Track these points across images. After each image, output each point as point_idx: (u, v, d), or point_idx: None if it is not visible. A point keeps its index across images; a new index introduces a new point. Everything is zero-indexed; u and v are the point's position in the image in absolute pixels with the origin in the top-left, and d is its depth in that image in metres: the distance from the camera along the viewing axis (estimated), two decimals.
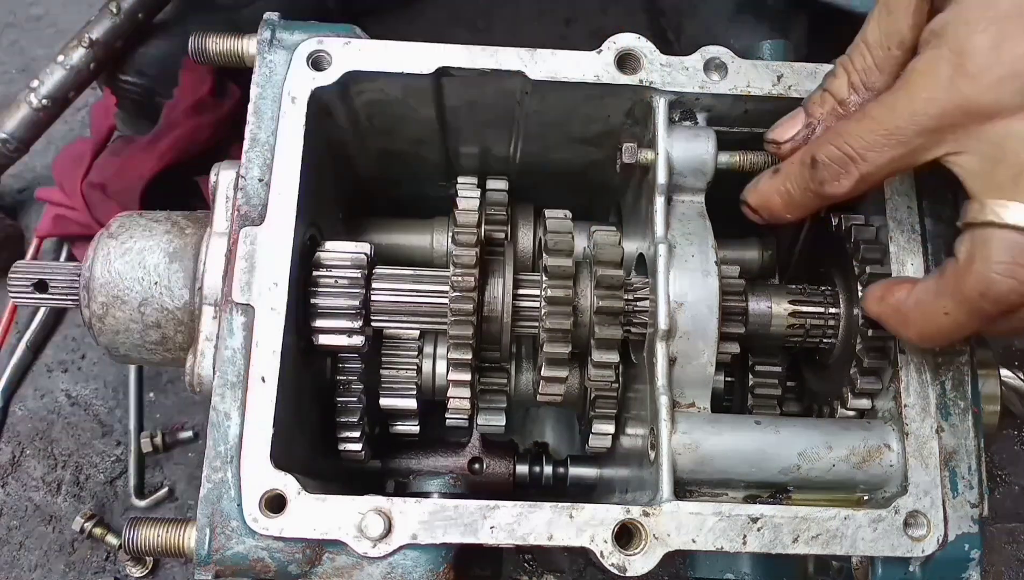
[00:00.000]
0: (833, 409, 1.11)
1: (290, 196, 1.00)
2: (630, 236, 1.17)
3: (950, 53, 0.83)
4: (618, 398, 1.16)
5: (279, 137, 1.02)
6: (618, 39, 1.08)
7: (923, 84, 0.85)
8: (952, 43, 0.83)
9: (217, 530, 0.92)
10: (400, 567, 0.93)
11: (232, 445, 0.94)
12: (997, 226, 0.82)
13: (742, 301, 1.10)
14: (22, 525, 1.72)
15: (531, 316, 1.11)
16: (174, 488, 1.74)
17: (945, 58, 0.84)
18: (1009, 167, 0.82)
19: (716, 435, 0.98)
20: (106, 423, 1.79)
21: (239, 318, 0.97)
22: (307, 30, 1.07)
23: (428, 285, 1.09)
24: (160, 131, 1.69)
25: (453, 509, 0.93)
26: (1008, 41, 0.81)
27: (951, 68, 0.83)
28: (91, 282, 1.05)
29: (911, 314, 0.92)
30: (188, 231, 1.08)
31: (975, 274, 0.83)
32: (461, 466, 1.35)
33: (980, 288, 0.83)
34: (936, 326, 0.89)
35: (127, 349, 1.08)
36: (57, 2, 2.10)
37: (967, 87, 0.82)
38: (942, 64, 0.84)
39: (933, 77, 0.84)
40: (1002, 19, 0.81)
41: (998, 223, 0.82)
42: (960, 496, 0.97)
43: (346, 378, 1.15)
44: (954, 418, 0.99)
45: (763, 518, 0.94)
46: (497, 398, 1.22)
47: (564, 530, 0.93)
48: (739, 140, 1.08)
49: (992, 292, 0.83)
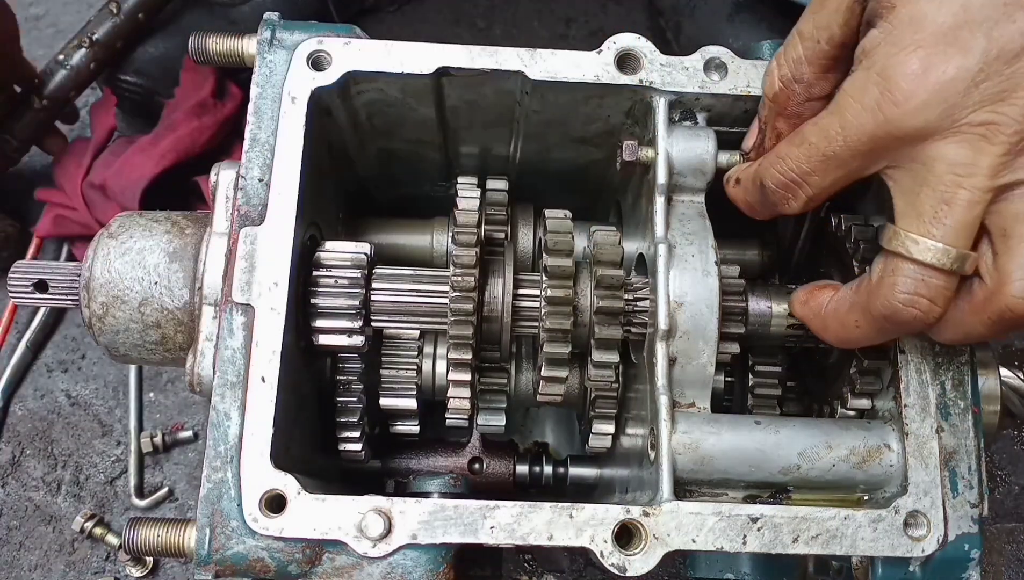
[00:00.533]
0: (833, 409, 1.11)
1: (290, 196, 1.00)
2: (630, 236, 1.17)
3: (878, 77, 0.83)
4: (618, 398, 1.16)
5: (279, 137, 1.02)
6: (618, 39, 1.08)
7: (853, 109, 0.85)
8: (880, 66, 0.83)
9: (217, 530, 0.92)
10: (400, 567, 0.93)
11: (232, 445, 0.94)
12: (906, 258, 0.85)
13: (742, 301, 1.10)
14: (22, 525, 1.72)
15: (531, 316, 1.11)
16: (174, 488, 1.74)
17: (873, 81, 0.83)
18: (932, 192, 0.83)
19: (716, 435, 0.98)
20: (106, 423, 1.80)
21: (239, 318, 0.97)
22: (307, 30, 1.07)
23: (428, 285, 1.09)
24: (160, 132, 1.69)
25: (453, 509, 0.93)
26: (935, 66, 0.80)
27: (879, 92, 0.83)
28: (91, 282, 1.05)
29: (828, 321, 0.97)
30: (188, 231, 1.08)
31: (882, 298, 0.88)
32: (461, 466, 1.35)
33: (885, 312, 0.88)
34: (848, 335, 0.95)
35: (127, 349, 1.08)
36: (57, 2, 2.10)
37: (893, 112, 0.82)
38: (870, 87, 0.84)
39: (861, 101, 0.84)
40: (930, 42, 0.80)
41: (907, 257, 0.85)
42: (960, 496, 0.97)
43: (346, 378, 1.15)
44: (954, 418, 0.99)
45: (763, 518, 0.94)
46: (497, 398, 1.22)
47: (564, 530, 0.93)
48: (739, 140, 1.08)
49: (895, 317, 0.88)
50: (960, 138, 0.81)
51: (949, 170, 0.82)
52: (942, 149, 0.82)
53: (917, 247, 0.84)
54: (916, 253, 0.84)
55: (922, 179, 0.84)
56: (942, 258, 0.83)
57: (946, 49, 0.80)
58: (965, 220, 0.82)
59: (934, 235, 0.83)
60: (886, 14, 0.83)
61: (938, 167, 0.82)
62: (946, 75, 0.80)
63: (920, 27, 0.81)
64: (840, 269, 1.12)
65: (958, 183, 0.81)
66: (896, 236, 0.85)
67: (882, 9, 0.84)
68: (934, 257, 0.83)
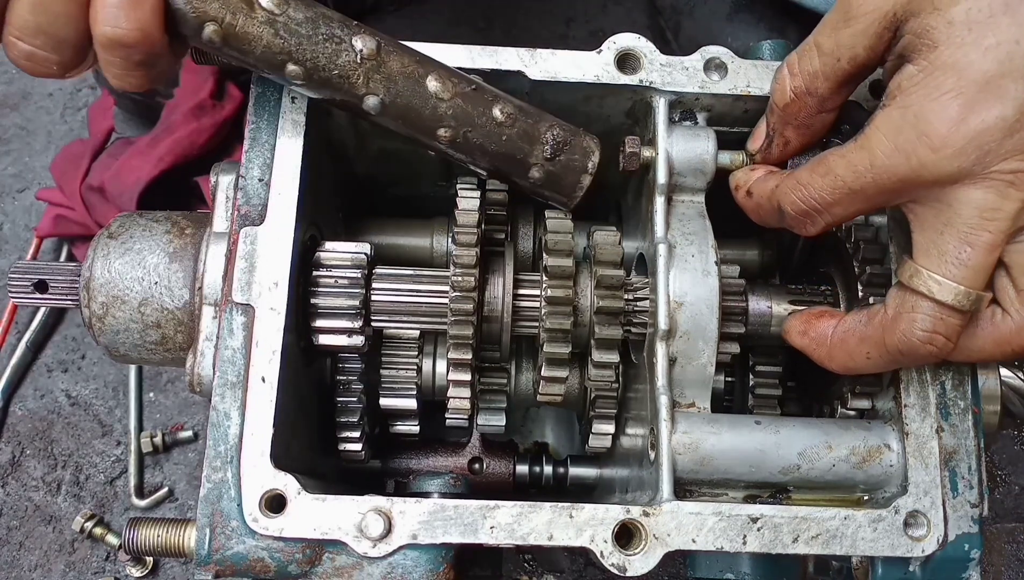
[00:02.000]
0: (833, 409, 1.11)
1: (290, 196, 1.01)
2: (630, 236, 1.17)
3: (915, 119, 0.82)
4: (618, 398, 1.16)
5: (279, 137, 1.02)
6: (618, 39, 1.08)
7: (885, 149, 0.85)
8: (917, 108, 0.82)
9: (217, 530, 0.92)
10: (400, 567, 0.93)
11: (232, 445, 0.94)
12: (926, 297, 0.86)
13: (742, 301, 1.10)
14: (22, 525, 1.72)
15: (531, 316, 1.11)
16: (174, 488, 1.75)
17: (910, 123, 0.83)
18: (956, 233, 0.84)
19: (716, 435, 0.98)
20: (106, 423, 1.80)
21: (239, 318, 0.97)
22: None
23: (428, 285, 1.09)
24: (159, 134, 1.69)
25: (453, 509, 0.93)
26: (974, 113, 0.80)
27: (915, 135, 0.82)
28: (91, 282, 1.05)
29: (835, 350, 0.97)
30: (188, 231, 1.08)
31: (899, 334, 0.89)
32: (461, 466, 1.35)
33: (902, 347, 0.89)
34: (856, 365, 0.96)
35: (127, 349, 1.08)
36: None
37: (929, 157, 0.82)
38: (906, 129, 0.83)
39: (895, 142, 0.84)
40: (972, 89, 0.80)
41: (927, 296, 0.86)
42: (960, 496, 0.97)
43: (346, 378, 1.15)
44: (954, 418, 0.99)
45: (763, 518, 0.94)
46: (497, 398, 1.22)
47: (564, 530, 0.93)
48: (739, 140, 1.08)
49: (912, 353, 0.89)
50: (989, 184, 0.82)
51: (975, 214, 0.82)
52: (970, 193, 0.82)
53: (939, 288, 0.85)
54: (937, 294, 0.85)
55: (946, 219, 0.84)
56: (962, 300, 0.85)
57: (987, 97, 0.80)
58: (985, 263, 0.84)
59: (955, 276, 0.84)
60: (927, 52, 0.82)
61: (964, 210, 0.83)
62: (985, 124, 0.80)
63: (963, 73, 0.80)
64: (840, 269, 1.12)
65: (983, 226, 0.83)
66: (917, 274, 0.86)
67: (922, 46, 0.82)
68: (955, 299, 0.85)
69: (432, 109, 0.99)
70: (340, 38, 0.95)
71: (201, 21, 0.90)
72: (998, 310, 0.88)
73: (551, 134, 1.03)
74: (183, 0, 0.89)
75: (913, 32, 0.83)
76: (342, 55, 0.95)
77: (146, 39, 0.86)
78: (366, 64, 0.95)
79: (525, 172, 1.05)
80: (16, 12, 0.85)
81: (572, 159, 1.04)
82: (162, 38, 0.88)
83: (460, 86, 1.00)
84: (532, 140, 1.03)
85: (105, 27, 0.85)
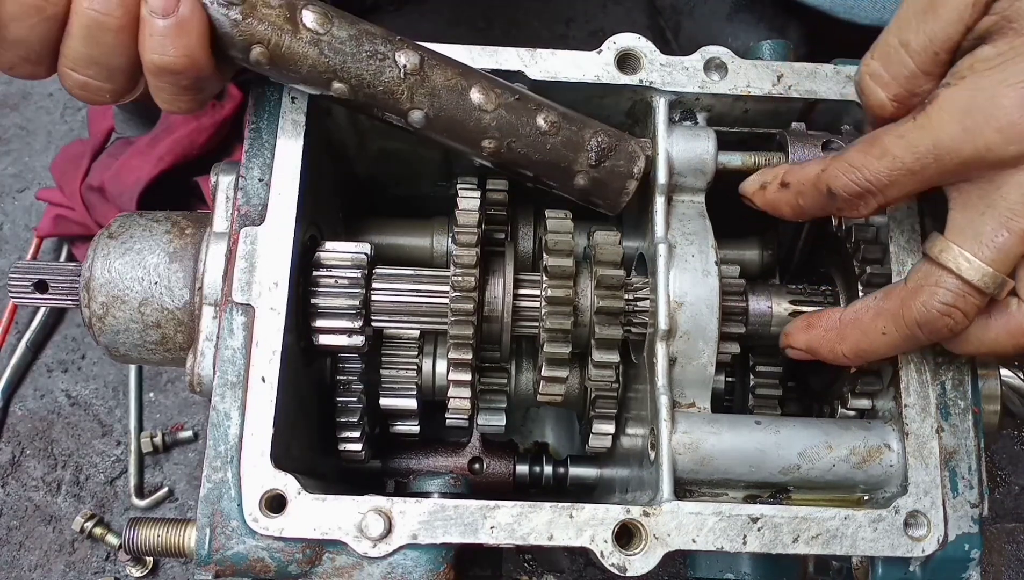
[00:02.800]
0: (833, 409, 1.11)
1: (290, 196, 1.01)
2: (630, 236, 1.17)
3: (986, 101, 0.82)
4: (618, 398, 1.16)
5: (279, 137, 1.02)
6: (618, 39, 1.08)
7: (952, 130, 0.84)
8: (990, 91, 0.82)
9: (217, 530, 0.92)
10: (400, 567, 0.93)
11: (232, 445, 0.94)
12: (952, 273, 0.86)
13: (742, 301, 1.10)
14: (22, 525, 1.72)
15: (531, 316, 1.11)
16: (174, 488, 1.75)
17: (980, 106, 0.82)
18: (997, 216, 0.84)
19: (716, 435, 0.98)
20: (106, 423, 1.80)
21: (239, 318, 0.97)
22: None
23: (428, 285, 1.09)
24: (158, 134, 1.68)
25: (453, 509, 0.93)
26: None
27: (984, 117, 0.82)
28: (91, 282, 1.05)
29: (847, 330, 0.96)
30: (188, 231, 1.08)
31: (919, 304, 0.88)
32: (461, 466, 1.35)
33: (920, 318, 0.89)
34: (871, 343, 0.94)
35: (127, 349, 1.08)
36: None
37: (995, 139, 0.82)
38: (975, 111, 0.82)
39: (963, 123, 0.83)
40: None
41: (954, 272, 0.86)
42: (960, 496, 0.97)
43: (346, 378, 1.15)
44: (954, 418, 0.99)
45: (763, 518, 0.94)
46: (497, 398, 1.22)
47: (564, 530, 0.93)
48: (739, 140, 1.08)
49: (929, 324, 0.89)
50: None
51: (1021, 199, 0.83)
52: (1021, 178, 0.83)
53: (968, 266, 0.85)
54: (965, 272, 0.85)
55: (991, 201, 0.84)
56: (988, 282, 0.85)
57: None
58: (1019, 250, 0.84)
59: (986, 257, 0.84)
60: (1012, 37, 0.81)
61: (1012, 194, 0.83)
62: None
63: None
64: (840, 270, 1.12)
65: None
66: (948, 250, 0.86)
67: (1009, 30, 0.82)
68: (981, 279, 0.85)
69: (476, 121, 0.98)
70: (384, 54, 0.95)
71: (248, 43, 0.91)
72: (1014, 301, 0.87)
73: (596, 141, 1.02)
74: (230, 24, 0.89)
75: (1001, 13, 0.82)
76: (386, 71, 0.95)
77: (193, 65, 0.88)
78: (410, 79, 0.95)
79: (570, 180, 1.04)
80: (70, 45, 0.88)
81: (617, 165, 1.03)
82: (209, 62, 0.90)
83: (503, 96, 0.99)
84: (577, 148, 1.02)
85: (153, 55, 0.87)
